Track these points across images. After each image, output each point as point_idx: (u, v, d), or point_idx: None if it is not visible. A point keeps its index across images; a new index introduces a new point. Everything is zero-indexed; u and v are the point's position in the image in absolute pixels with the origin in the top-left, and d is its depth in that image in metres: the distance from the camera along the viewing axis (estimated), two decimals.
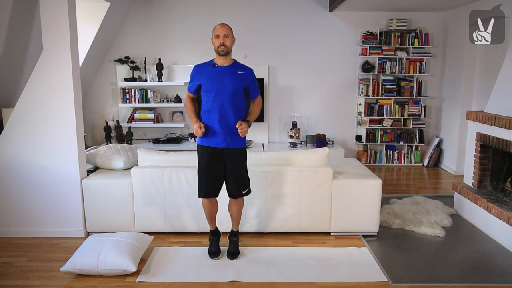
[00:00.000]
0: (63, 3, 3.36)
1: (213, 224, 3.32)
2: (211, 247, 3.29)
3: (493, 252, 3.39)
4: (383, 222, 3.87)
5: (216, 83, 2.98)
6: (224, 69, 3.01)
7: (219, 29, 2.97)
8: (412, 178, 5.74)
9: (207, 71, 3.02)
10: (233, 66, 3.05)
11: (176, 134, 6.27)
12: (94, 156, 3.92)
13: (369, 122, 6.22)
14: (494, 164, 3.99)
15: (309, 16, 6.12)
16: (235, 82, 3.00)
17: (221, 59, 3.01)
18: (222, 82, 2.98)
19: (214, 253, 3.24)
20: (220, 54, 2.98)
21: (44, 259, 3.25)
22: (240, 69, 3.05)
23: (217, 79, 2.98)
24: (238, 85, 3.02)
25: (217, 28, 2.98)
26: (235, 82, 3.00)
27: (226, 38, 2.95)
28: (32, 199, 3.62)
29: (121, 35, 6.10)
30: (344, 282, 2.92)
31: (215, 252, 3.25)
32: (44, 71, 3.46)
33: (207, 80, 3.00)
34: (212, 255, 3.24)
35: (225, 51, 2.96)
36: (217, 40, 2.95)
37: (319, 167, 3.58)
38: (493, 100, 3.91)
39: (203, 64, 3.09)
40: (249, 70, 3.09)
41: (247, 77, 3.06)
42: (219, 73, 2.99)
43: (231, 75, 3.00)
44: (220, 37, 2.94)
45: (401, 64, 6.08)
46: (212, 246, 3.29)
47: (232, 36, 3.00)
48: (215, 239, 3.32)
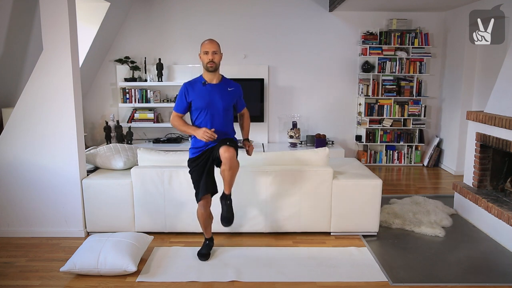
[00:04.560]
0: (63, 3, 3.37)
1: (208, 233, 3.31)
2: (202, 249, 3.27)
3: (493, 252, 3.39)
4: (383, 222, 3.87)
5: (208, 101, 3.02)
6: (214, 88, 3.06)
7: (207, 46, 2.99)
8: (412, 178, 5.74)
9: (198, 90, 3.04)
10: (223, 83, 3.11)
11: (176, 134, 6.27)
12: (94, 156, 3.92)
13: (369, 122, 6.22)
14: (494, 164, 3.99)
15: (309, 16, 6.12)
16: (226, 100, 3.06)
17: (210, 75, 3.05)
18: (214, 101, 3.03)
19: (204, 256, 3.22)
20: (209, 70, 3.01)
21: (44, 259, 3.25)
22: (230, 85, 3.12)
23: (208, 98, 3.02)
24: (229, 101, 3.10)
25: (205, 44, 3.01)
26: (226, 99, 3.07)
27: (215, 54, 2.99)
28: (32, 199, 3.62)
29: (121, 35, 6.10)
30: (344, 282, 2.92)
31: (205, 254, 3.23)
32: (44, 71, 3.47)
33: (198, 99, 3.03)
34: (201, 257, 3.22)
35: (213, 67, 3.00)
36: (206, 56, 2.98)
37: (319, 167, 3.58)
38: (493, 100, 3.91)
39: (192, 82, 3.10)
40: (237, 85, 3.18)
41: (236, 93, 3.15)
42: (210, 92, 3.04)
43: (221, 93, 3.06)
44: (209, 53, 2.97)
45: (401, 64, 6.08)
46: (203, 248, 3.28)
47: (220, 52, 3.04)
48: (209, 244, 3.32)
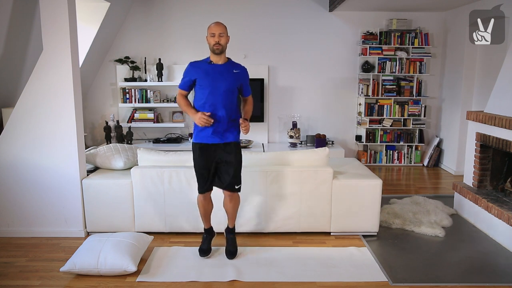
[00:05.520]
0: (63, 3, 3.36)
1: (208, 223, 3.30)
2: (203, 245, 3.27)
3: (493, 252, 3.39)
4: (383, 222, 3.87)
5: (211, 79, 2.99)
6: (220, 67, 3.03)
7: (214, 28, 2.98)
8: (412, 178, 5.74)
9: (203, 67, 3.03)
10: (229, 64, 3.07)
11: (176, 134, 6.27)
12: (94, 156, 3.92)
13: (369, 122, 6.22)
14: (494, 164, 3.99)
15: (309, 16, 6.12)
16: (230, 80, 3.02)
17: (216, 57, 3.03)
18: (217, 79, 2.99)
19: (205, 251, 3.22)
20: (215, 52, 2.99)
21: (44, 259, 3.25)
22: (236, 67, 3.08)
23: (212, 76, 2.99)
24: (233, 83, 3.04)
25: (212, 26, 2.99)
26: (230, 80, 3.02)
27: (221, 36, 2.97)
28: (32, 199, 3.62)
29: (121, 35, 6.10)
30: (344, 282, 2.92)
31: (206, 250, 3.23)
32: (44, 71, 3.47)
33: (203, 76, 3.01)
34: (202, 253, 3.22)
35: (220, 49, 2.98)
36: (212, 38, 2.96)
37: (319, 167, 3.58)
38: (493, 100, 3.91)
39: (199, 61, 3.09)
40: (243, 68, 3.13)
41: (241, 76, 3.10)
42: (215, 70, 3.01)
43: (226, 73, 3.02)
44: (216, 35, 2.96)
45: (401, 64, 6.08)
46: (204, 244, 3.27)
47: (226, 34, 3.01)
48: (208, 238, 3.30)
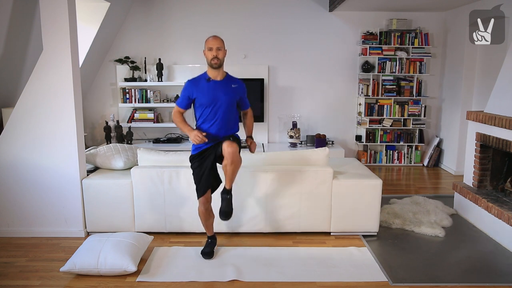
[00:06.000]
0: (63, 3, 3.36)
1: (210, 231, 3.33)
2: (206, 248, 3.29)
3: (493, 252, 3.39)
4: (383, 222, 3.87)
5: (212, 97, 3.02)
6: (218, 84, 3.05)
7: (211, 42, 2.98)
8: (412, 178, 5.74)
9: (202, 86, 3.04)
10: (227, 79, 3.10)
11: (176, 134, 6.27)
12: (94, 156, 3.92)
13: (369, 122, 6.22)
14: (494, 164, 3.99)
15: (309, 16, 6.12)
16: (229, 96, 3.06)
17: (214, 71, 3.04)
18: (218, 97, 3.02)
19: (208, 254, 3.24)
20: (213, 67, 3.01)
21: (44, 259, 3.25)
22: (234, 82, 3.12)
23: (212, 94, 3.02)
24: (232, 98, 3.09)
25: (209, 40, 3.00)
26: (230, 96, 3.06)
27: (219, 50, 2.98)
28: (32, 199, 3.62)
29: (121, 35, 6.10)
30: (344, 282, 2.92)
31: (209, 253, 3.25)
32: (44, 71, 3.47)
33: (203, 95, 3.03)
34: (205, 256, 3.24)
35: (218, 64, 2.99)
36: (210, 52, 2.97)
37: (319, 167, 3.58)
38: (493, 100, 3.91)
39: (197, 78, 3.11)
40: (241, 83, 3.18)
41: (240, 90, 3.15)
42: (214, 88, 3.03)
43: (225, 89, 3.05)
44: (213, 49, 2.97)
45: (401, 64, 6.08)
46: (207, 247, 3.30)
47: (224, 48, 3.03)
48: (212, 243, 3.33)
